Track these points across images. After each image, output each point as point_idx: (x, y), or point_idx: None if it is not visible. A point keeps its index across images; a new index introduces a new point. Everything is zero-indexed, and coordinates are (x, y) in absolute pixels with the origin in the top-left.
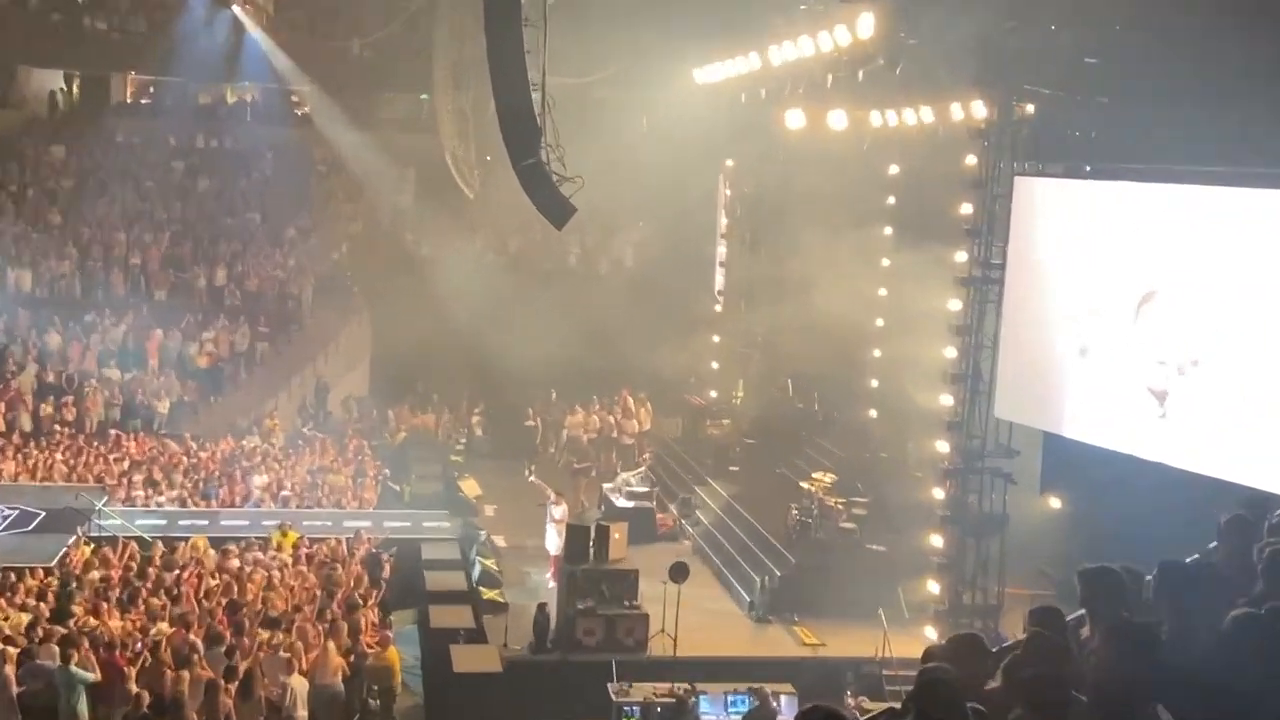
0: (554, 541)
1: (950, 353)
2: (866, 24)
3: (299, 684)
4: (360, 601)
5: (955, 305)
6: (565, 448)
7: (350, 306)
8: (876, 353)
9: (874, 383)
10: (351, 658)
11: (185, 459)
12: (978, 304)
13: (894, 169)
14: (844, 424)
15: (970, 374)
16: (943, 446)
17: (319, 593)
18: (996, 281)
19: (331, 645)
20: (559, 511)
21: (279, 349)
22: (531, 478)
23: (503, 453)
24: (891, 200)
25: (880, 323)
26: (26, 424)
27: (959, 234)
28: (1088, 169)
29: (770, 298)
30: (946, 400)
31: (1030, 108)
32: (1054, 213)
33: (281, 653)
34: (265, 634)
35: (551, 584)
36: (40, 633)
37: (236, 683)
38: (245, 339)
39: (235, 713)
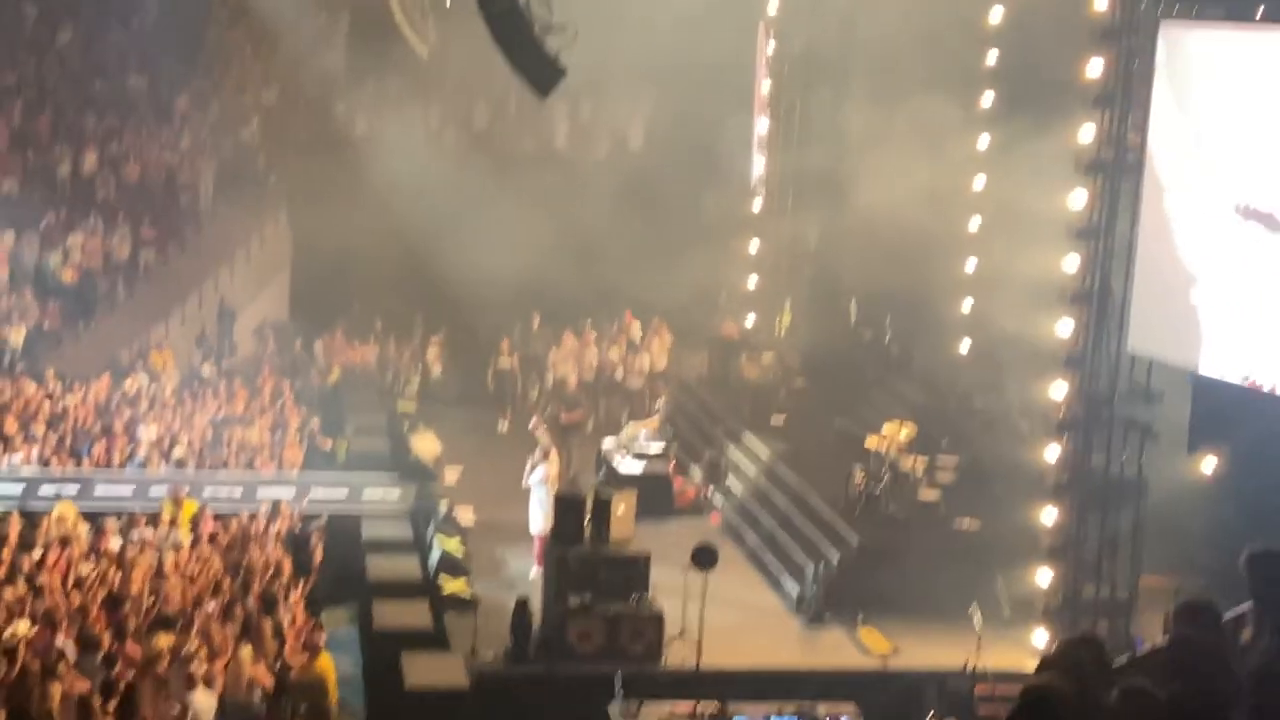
0: (539, 516)
1: (1070, 265)
2: None
3: (204, 702)
4: (281, 595)
5: (1077, 200)
6: (550, 393)
7: (263, 203)
8: (969, 265)
9: (965, 305)
10: (272, 668)
11: (47, 405)
12: (1107, 198)
13: (995, 15)
14: (924, 361)
15: (1096, 293)
16: (1057, 390)
17: (227, 583)
18: (1133, 168)
19: (244, 652)
20: (541, 473)
21: (169, 259)
22: (535, 425)
23: (469, 398)
24: (992, 58)
25: (975, 225)
26: None
27: (1083, 103)
28: (1259, 10)
29: (826, 192)
30: (1063, 329)
31: None
32: (1213, 72)
33: (178, 662)
34: (156, 637)
35: (536, 572)
36: None
37: (116, 700)
38: (125, 246)
39: None
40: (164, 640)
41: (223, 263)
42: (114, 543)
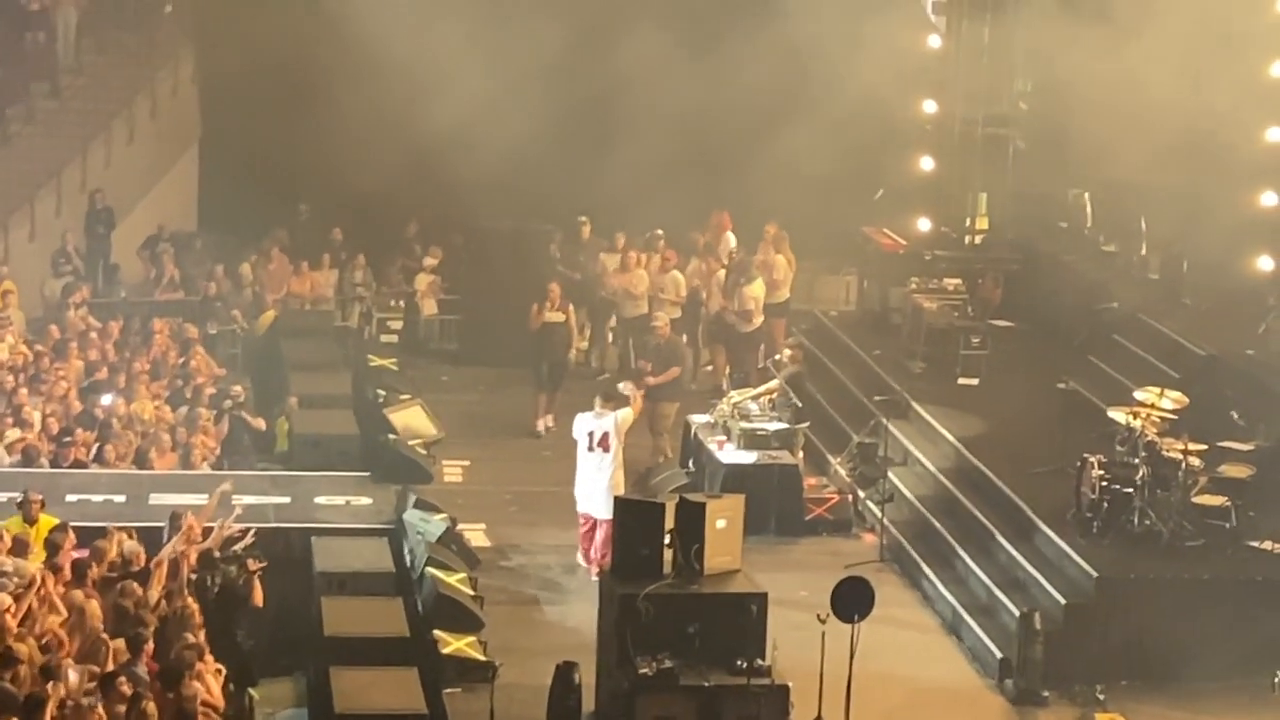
0: (602, 489)
1: None
2: None
3: None
4: (191, 659)
5: None
6: (619, 338)
7: (156, 45)
8: (1273, 135)
9: (1267, 199)
10: None
11: None
12: None
13: None
14: (1201, 286)
15: None
16: None
17: (104, 640)
18: None
19: None
20: (609, 423)
21: (9, 136)
22: (625, 386)
23: (483, 351)
24: None
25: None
26: None
27: None
28: None
29: (1047, 15)
30: None
31: None
32: None
33: None
34: None
35: (591, 573)
36: None
37: None
38: None
39: None
40: None
41: (94, 140)
42: None
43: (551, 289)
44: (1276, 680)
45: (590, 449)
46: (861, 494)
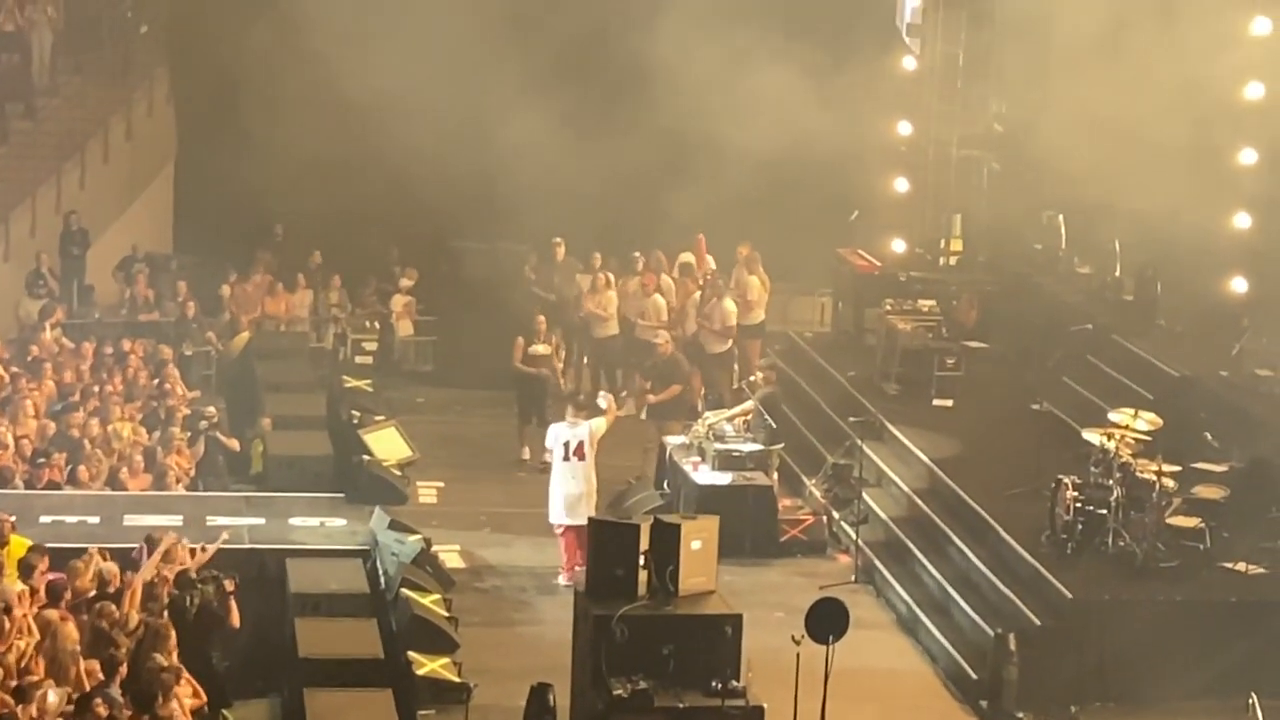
0: (575, 494)
1: None
2: None
3: None
4: (168, 680)
5: None
6: (591, 358)
7: (131, 66)
8: (1246, 158)
9: (1240, 221)
10: None
11: None
12: None
13: None
14: (1176, 308)
15: None
16: None
17: (76, 660)
18: None
19: None
20: (584, 431)
21: None
22: (603, 398)
23: (458, 373)
24: None
25: (1255, 92)
26: None
27: None
28: None
29: (1022, 38)
30: None
31: None
32: None
33: None
34: None
35: (565, 581)
36: None
37: None
38: None
39: None
40: None
41: (69, 160)
42: None
43: (538, 321)
44: (1251, 702)
45: (566, 458)
46: (836, 515)
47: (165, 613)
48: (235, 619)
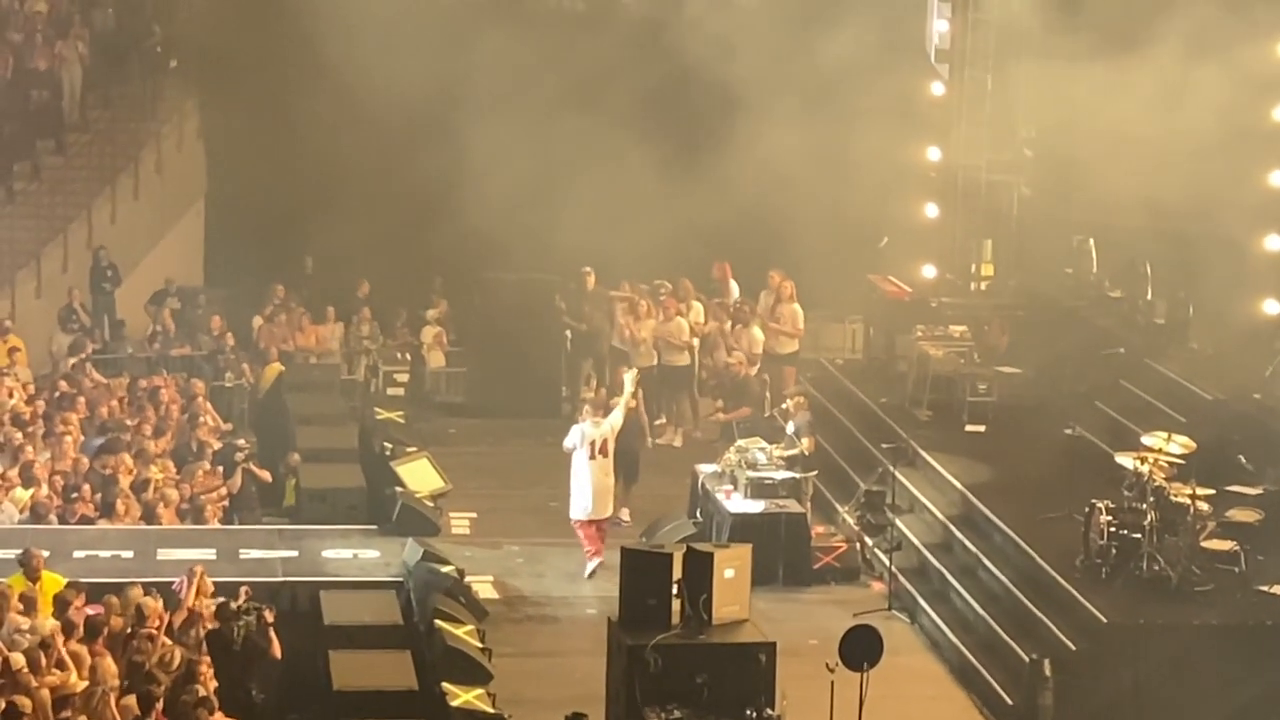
0: (604, 491)
1: None
2: None
3: None
4: (203, 716)
5: None
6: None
7: (161, 102)
8: (1277, 179)
9: (1274, 243)
10: None
11: None
12: None
13: None
14: (1209, 331)
15: None
16: None
17: (109, 697)
18: None
19: None
20: (606, 429)
21: (14, 193)
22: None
23: (490, 403)
24: None
25: None
26: None
27: None
28: None
29: (1050, 63)
30: None
31: None
32: None
33: None
34: None
35: (591, 568)
36: None
37: None
38: None
39: None
40: None
41: (99, 196)
42: None
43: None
44: None
45: (593, 456)
46: (869, 542)
47: (203, 645)
48: (276, 650)
